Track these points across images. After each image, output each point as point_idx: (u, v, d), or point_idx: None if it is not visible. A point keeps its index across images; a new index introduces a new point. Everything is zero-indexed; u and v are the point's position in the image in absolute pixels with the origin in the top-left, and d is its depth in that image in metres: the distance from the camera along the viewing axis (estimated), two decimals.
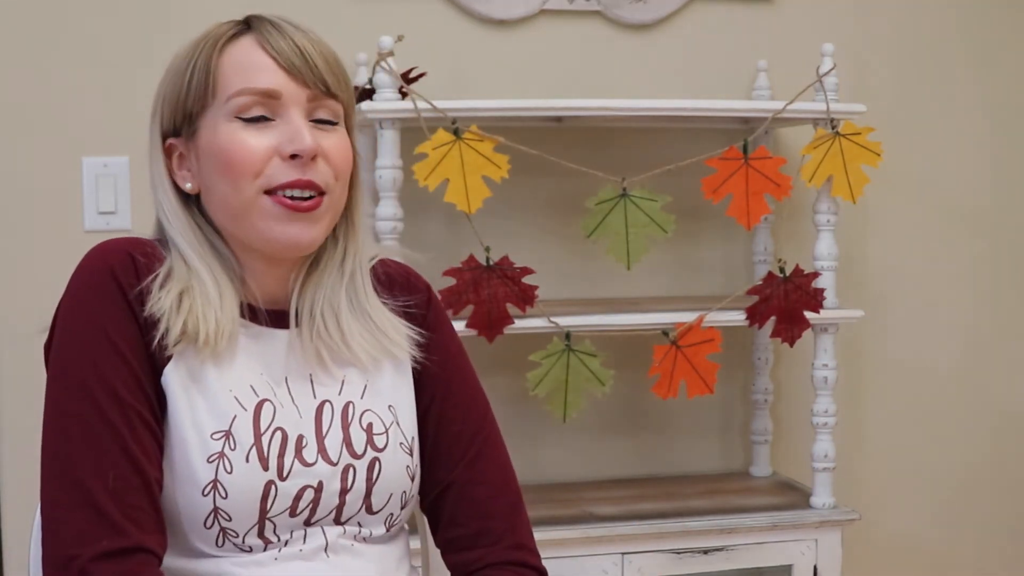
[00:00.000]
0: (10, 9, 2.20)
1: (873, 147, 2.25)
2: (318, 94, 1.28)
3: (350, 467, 1.31)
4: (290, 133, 1.26)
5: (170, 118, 1.30)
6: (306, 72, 1.27)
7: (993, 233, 2.65)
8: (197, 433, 1.24)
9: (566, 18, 2.42)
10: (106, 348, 1.22)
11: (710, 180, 2.21)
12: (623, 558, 2.16)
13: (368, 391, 1.35)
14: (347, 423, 1.32)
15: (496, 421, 1.44)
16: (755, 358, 2.49)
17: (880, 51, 2.56)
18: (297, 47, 1.27)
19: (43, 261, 2.22)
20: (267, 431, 1.27)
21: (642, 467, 2.52)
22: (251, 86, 1.26)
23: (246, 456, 1.25)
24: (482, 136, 2.09)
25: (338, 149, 1.30)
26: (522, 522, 1.40)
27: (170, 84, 1.30)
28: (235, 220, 1.28)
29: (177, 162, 1.31)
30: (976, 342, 2.66)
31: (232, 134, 1.26)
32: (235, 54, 1.28)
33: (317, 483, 1.29)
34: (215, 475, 1.24)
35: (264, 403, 1.28)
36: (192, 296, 1.26)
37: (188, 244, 1.29)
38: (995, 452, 2.69)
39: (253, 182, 1.25)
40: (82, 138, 2.23)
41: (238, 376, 1.28)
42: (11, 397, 2.24)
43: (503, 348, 2.18)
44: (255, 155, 1.25)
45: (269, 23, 1.30)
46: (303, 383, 1.33)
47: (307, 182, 1.26)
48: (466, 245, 2.18)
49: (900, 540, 2.64)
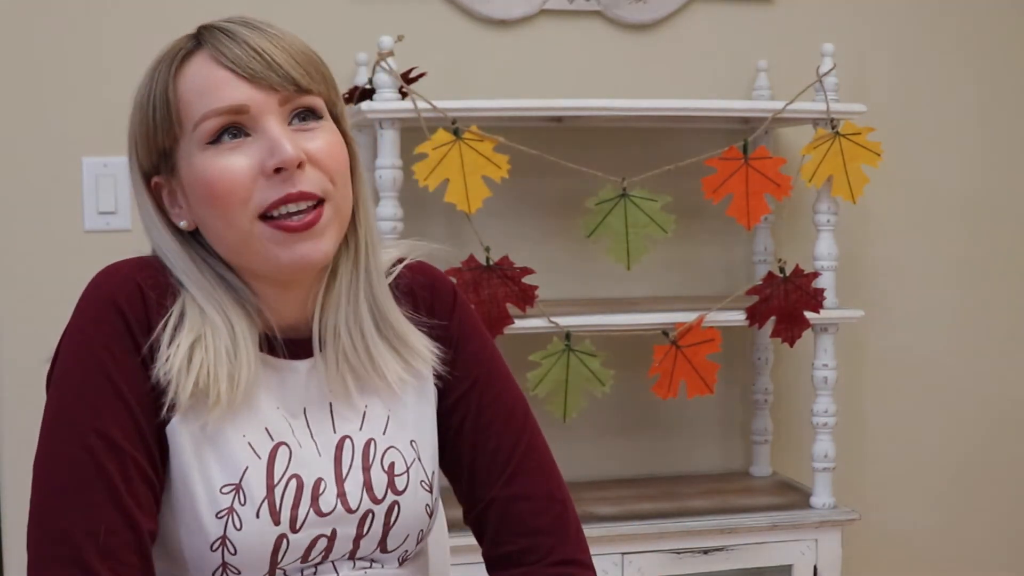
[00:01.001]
0: (10, 9, 2.20)
1: (873, 147, 2.25)
2: (289, 95, 1.17)
3: (369, 512, 1.24)
4: (268, 146, 1.15)
5: (146, 156, 1.21)
6: (268, 75, 1.16)
7: (993, 233, 2.65)
8: (205, 487, 1.17)
9: (566, 18, 2.42)
10: (107, 392, 1.14)
11: (710, 180, 2.21)
12: (623, 558, 2.16)
13: (391, 424, 1.28)
14: (368, 464, 1.25)
15: (537, 427, 1.35)
16: (755, 358, 2.49)
17: (880, 51, 2.56)
18: (253, 50, 1.16)
19: (43, 261, 2.22)
20: (281, 480, 1.20)
21: (642, 467, 2.52)
22: (214, 107, 1.15)
23: (256, 512, 1.18)
24: (482, 136, 2.09)
25: (327, 148, 1.18)
26: (570, 535, 1.31)
27: (138, 122, 1.21)
28: (236, 252, 1.19)
29: (168, 199, 1.22)
30: (976, 342, 2.66)
31: (209, 163, 1.16)
32: (190, 76, 1.17)
33: (331, 531, 1.22)
34: (224, 531, 1.17)
35: (279, 447, 1.21)
36: (204, 347, 1.17)
37: (197, 286, 1.19)
38: (995, 452, 2.69)
39: (244, 210, 1.15)
40: (82, 138, 2.23)
41: (252, 417, 1.20)
42: (11, 397, 2.24)
43: (503, 348, 2.16)
44: (237, 181, 1.15)
45: (219, 31, 1.18)
46: (323, 415, 1.25)
47: (299, 194, 1.15)
48: (466, 245, 2.18)
49: (900, 540, 2.64)
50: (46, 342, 1.23)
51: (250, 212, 1.16)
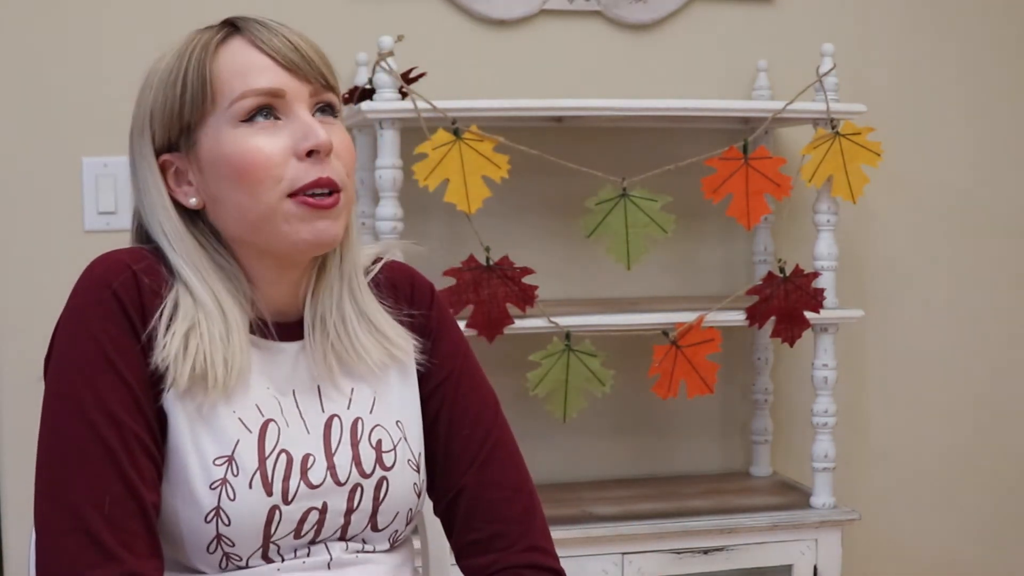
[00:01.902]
0: (10, 9, 2.20)
1: (873, 147, 2.25)
2: (319, 88, 1.25)
3: (358, 486, 1.28)
4: (303, 130, 1.22)
5: (163, 133, 1.25)
6: (305, 67, 1.23)
7: (993, 233, 2.65)
8: (199, 459, 1.21)
9: (566, 18, 2.42)
10: (105, 369, 1.19)
11: (710, 180, 2.21)
12: (623, 558, 2.16)
13: (377, 405, 1.33)
14: (356, 440, 1.30)
15: (507, 423, 1.41)
16: (755, 358, 2.49)
17: (880, 51, 2.56)
18: (291, 43, 1.24)
19: (43, 261, 2.22)
20: (272, 454, 1.24)
21: (642, 467, 2.52)
22: (254, 87, 1.22)
23: (249, 482, 1.22)
24: (482, 136, 2.09)
25: (345, 143, 1.27)
26: (537, 524, 1.37)
27: (159, 97, 1.25)
28: (254, 228, 1.23)
29: (174, 179, 1.26)
30: (976, 341, 2.66)
31: (242, 140, 1.21)
32: (229, 57, 1.23)
33: (322, 504, 1.26)
34: (217, 502, 1.21)
35: (269, 423, 1.25)
36: (199, 334, 1.21)
37: (193, 270, 1.24)
38: (995, 452, 2.69)
39: (274, 187, 1.21)
40: (82, 138, 2.23)
41: (243, 396, 1.25)
42: (11, 396, 2.24)
43: (503, 348, 2.18)
44: (272, 159, 1.21)
45: (255, 22, 1.26)
46: (311, 396, 1.30)
47: (327, 180, 1.22)
48: (466, 245, 2.18)
49: (900, 540, 2.64)
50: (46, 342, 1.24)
51: (281, 190, 1.21)
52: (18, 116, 2.21)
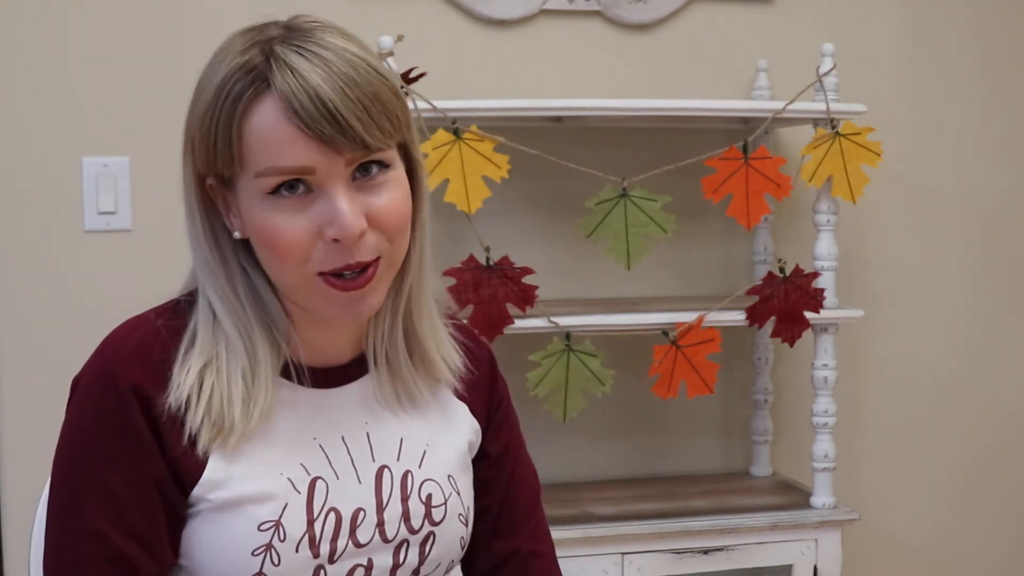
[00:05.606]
0: (10, 9, 2.20)
1: (873, 147, 2.25)
2: (356, 156, 1.12)
3: (404, 542, 1.24)
4: (330, 215, 1.11)
5: (204, 164, 1.16)
6: (338, 138, 1.10)
7: (993, 233, 2.65)
8: (243, 523, 1.16)
9: (566, 18, 2.42)
10: (104, 497, 1.14)
11: (710, 180, 2.21)
12: (623, 558, 2.16)
13: (427, 458, 1.28)
14: (406, 495, 1.25)
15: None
16: (755, 358, 2.49)
17: (880, 51, 2.56)
18: (324, 107, 1.09)
19: (43, 261, 2.22)
20: (320, 514, 1.19)
21: (642, 467, 2.52)
22: (278, 165, 1.10)
23: (296, 547, 1.17)
24: (482, 136, 2.09)
25: (390, 206, 1.15)
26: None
27: (198, 129, 1.14)
28: (290, 291, 1.18)
29: (222, 204, 1.18)
30: (976, 342, 2.66)
31: (268, 216, 1.12)
32: (259, 122, 1.11)
33: (367, 561, 1.22)
34: (260, 568, 1.15)
35: (317, 481, 1.19)
36: (215, 369, 1.16)
37: (224, 302, 1.17)
38: (995, 452, 2.69)
39: (301, 266, 1.13)
40: (82, 138, 2.23)
41: (287, 451, 1.19)
42: (11, 396, 2.24)
43: (503, 348, 2.16)
44: (296, 242, 1.12)
45: (290, 70, 1.10)
46: (362, 443, 1.25)
47: (356, 264, 1.13)
48: (466, 245, 2.18)
49: (900, 540, 2.64)
50: (46, 342, 1.24)
51: (309, 269, 1.14)
52: (18, 116, 2.21)
